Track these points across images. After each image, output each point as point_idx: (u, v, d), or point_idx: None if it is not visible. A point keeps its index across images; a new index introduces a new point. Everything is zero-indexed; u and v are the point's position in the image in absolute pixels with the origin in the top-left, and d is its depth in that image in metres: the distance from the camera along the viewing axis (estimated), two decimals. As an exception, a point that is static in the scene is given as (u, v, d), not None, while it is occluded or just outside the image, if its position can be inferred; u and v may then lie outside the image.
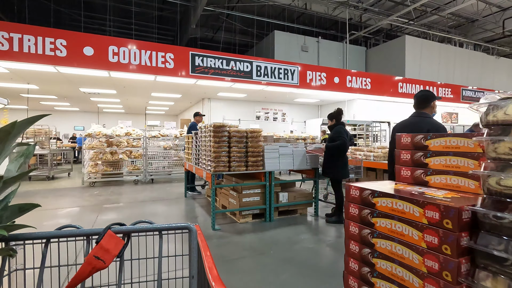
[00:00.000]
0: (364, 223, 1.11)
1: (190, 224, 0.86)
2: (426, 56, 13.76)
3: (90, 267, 0.68)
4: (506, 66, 16.55)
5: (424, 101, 2.63)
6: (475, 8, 12.93)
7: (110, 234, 0.74)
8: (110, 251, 0.71)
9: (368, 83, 10.54)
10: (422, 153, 1.13)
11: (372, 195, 1.10)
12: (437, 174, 1.09)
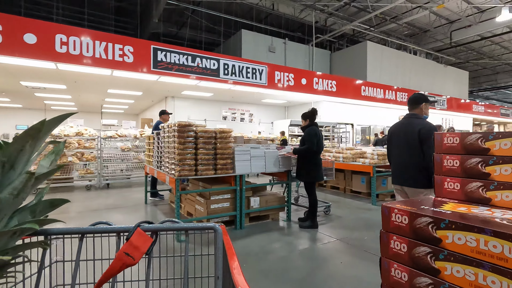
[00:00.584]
0: (421, 268, 0.75)
1: (216, 224, 0.86)
2: (385, 62, 14.49)
3: (120, 263, 0.70)
4: (453, 74, 18.13)
5: (414, 102, 2.66)
6: (427, 19, 13.92)
7: (139, 231, 0.76)
8: (139, 248, 0.73)
9: (334, 86, 10.75)
10: (480, 160, 0.84)
11: (435, 225, 0.73)
12: (507, 189, 0.79)
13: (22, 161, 0.55)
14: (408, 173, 2.55)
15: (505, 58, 18.77)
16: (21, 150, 0.53)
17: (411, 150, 2.52)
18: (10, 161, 0.53)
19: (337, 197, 5.92)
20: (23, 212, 0.59)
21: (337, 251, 3.11)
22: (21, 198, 0.56)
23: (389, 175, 5.61)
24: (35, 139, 0.54)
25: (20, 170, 0.55)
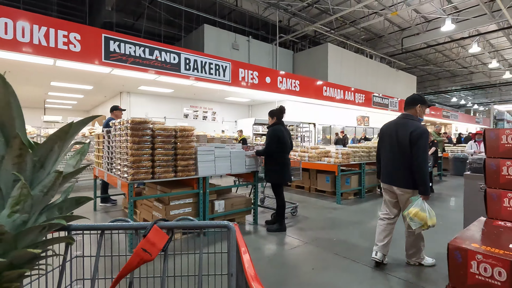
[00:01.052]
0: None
1: (230, 222, 0.87)
2: (345, 64, 15.06)
3: (138, 259, 0.72)
4: (403, 78, 19.54)
5: (409, 103, 2.67)
6: (382, 26, 14.75)
7: (155, 228, 0.78)
8: (156, 245, 0.75)
9: (297, 85, 10.82)
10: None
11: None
12: None
13: (51, 161, 0.58)
14: (397, 173, 2.56)
15: (446, 65, 20.74)
16: (51, 150, 0.56)
17: (401, 151, 2.53)
18: (40, 161, 0.56)
19: (303, 197, 5.87)
20: (51, 209, 0.62)
21: (307, 256, 2.97)
22: (50, 196, 0.59)
23: (352, 174, 5.70)
24: (62, 140, 0.57)
25: (49, 169, 0.59)
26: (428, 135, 2.48)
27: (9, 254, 0.52)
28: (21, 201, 0.52)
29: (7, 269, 0.52)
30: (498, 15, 12.08)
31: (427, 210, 2.29)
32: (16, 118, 0.53)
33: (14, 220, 0.53)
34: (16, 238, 0.53)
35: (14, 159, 0.51)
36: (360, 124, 15.85)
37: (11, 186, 0.53)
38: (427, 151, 2.45)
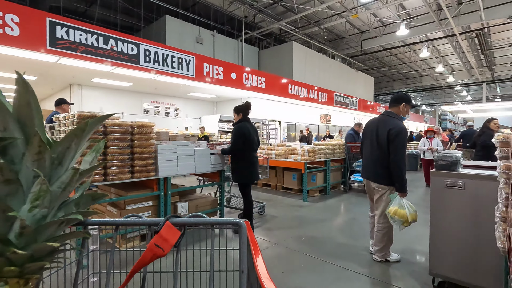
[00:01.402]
0: None
1: (241, 220, 0.86)
2: (309, 63, 15.37)
3: (151, 254, 0.72)
4: (362, 78, 20.55)
5: (394, 101, 2.73)
6: (343, 27, 15.31)
7: (168, 225, 0.79)
8: (168, 241, 0.75)
9: (263, 82, 10.76)
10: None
11: None
12: None
13: (69, 158, 0.59)
14: (374, 168, 2.64)
15: (399, 68, 22.26)
16: (68, 148, 0.58)
17: (380, 147, 2.58)
18: (58, 158, 0.58)
19: (270, 195, 5.80)
20: (69, 204, 0.64)
21: (276, 258, 2.86)
22: (68, 192, 0.60)
23: (318, 171, 5.75)
24: (79, 138, 0.59)
25: (67, 166, 0.60)
26: (406, 133, 2.51)
27: (30, 247, 0.55)
28: (41, 197, 0.54)
29: (28, 261, 0.55)
30: (444, 23, 13.17)
31: (406, 206, 2.31)
32: (35, 117, 0.55)
33: (34, 215, 0.55)
34: (36, 232, 0.55)
35: (34, 156, 0.54)
36: (323, 122, 16.34)
37: (31, 182, 0.55)
38: (404, 149, 2.48)
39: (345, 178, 6.39)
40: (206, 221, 0.87)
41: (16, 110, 0.54)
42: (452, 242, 2.02)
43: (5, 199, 0.53)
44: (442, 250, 2.07)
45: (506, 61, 19.67)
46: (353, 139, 6.39)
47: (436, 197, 2.07)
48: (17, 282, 0.54)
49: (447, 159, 2.05)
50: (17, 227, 0.52)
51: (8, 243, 0.52)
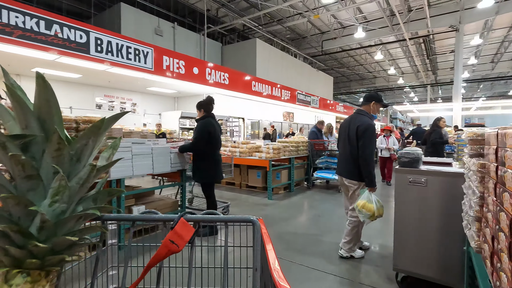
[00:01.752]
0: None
1: (254, 217, 0.86)
2: (272, 61, 15.45)
3: (166, 249, 0.74)
4: (322, 78, 21.28)
5: (365, 99, 2.77)
6: (305, 27, 15.64)
7: (182, 221, 0.80)
8: (183, 237, 0.77)
9: (226, 78, 10.53)
10: None
11: None
12: None
13: (86, 154, 0.61)
14: (346, 165, 2.70)
15: (356, 69, 23.49)
16: (85, 145, 0.60)
17: (350, 144, 2.65)
18: (76, 155, 0.59)
19: (234, 194, 5.66)
20: (86, 200, 0.65)
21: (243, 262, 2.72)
22: (85, 187, 0.62)
23: (283, 168, 5.74)
24: (96, 135, 0.61)
25: (85, 163, 0.62)
26: (373, 129, 2.56)
27: (50, 240, 0.56)
28: (60, 192, 0.55)
29: (49, 254, 0.56)
30: (396, 29, 14.11)
31: (374, 201, 2.36)
32: (54, 115, 0.57)
33: (54, 210, 0.57)
34: (56, 226, 0.57)
35: (53, 153, 0.55)
36: (286, 119, 16.58)
37: (51, 178, 0.56)
38: (372, 145, 2.54)
39: (309, 175, 6.49)
40: (220, 218, 0.87)
41: (36, 108, 0.55)
42: (415, 237, 2.06)
43: (27, 194, 0.55)
44: (405, 246, 2.11)
45: (447, 66, 21.80)
46: (316, 137, 6.51)
47: (400, 193, 2.11)
48: (38, 274, 0.55)
49: (410, 156, 2.09)
50: (38, 221, 0.54)
51: (30, 236, 0.54)
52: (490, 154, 0.83)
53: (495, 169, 0.79)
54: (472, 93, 31.91)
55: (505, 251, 0.62)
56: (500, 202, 0.72)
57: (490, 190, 0.84)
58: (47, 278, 0.56)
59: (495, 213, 0.74)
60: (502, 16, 12.69)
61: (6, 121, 0.56)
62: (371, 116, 2.69)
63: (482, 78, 24.27)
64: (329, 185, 6.72)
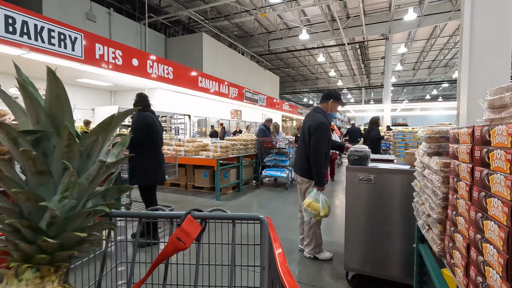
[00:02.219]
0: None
1: (262, 215, 0.86)
2: (219, 57, 15.11)
3: (173, 247, 0.74)
4: (269, 77, 21.67)
5: (323, 96, 2.72)
6: (252, 25, 15.66)
7: (189, 218, 0.79)
8: (190, 234, 0.77)
9: (170, 72, 9.90)
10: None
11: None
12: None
13: (96, 151, 0.61)
14: (300, 162, 2.66)
15: (300, 70, 24.52)
16: (95, 141, 0.60)
17: (304, 141, 2.61)
18: (86, 151, 0.59)
19: (179, 196, 5.28)
20: (96, 196, 0.65)
21: (188, 274, 2.46)
22: (95, 184, 0.62)
23: (231, 168, 5.56)
24: (106, 132, 0.61)
25: (94, 159, 0.62)
26: (324, 127, 2.48)
27: (59, 236, 0.56)
28: (70, 188, 0.55)
29: (58, 250, 0.56)
30: (336, 33, 15.05)
31: (321, 201, 2.32)
32: (65, 111, 0.57)
33: (64, 205, 0.57)
34: (65, 221, 0.57)
35: (64, 149, 0.55)
36: (233, 117, 16.43)
37: (61, 174, 0.56)
38: (322, 144, 2.46)
39: (257, 173, 6.43)
40: (227, 215, 0.88)
41: (47, 104, 0.55)
42: (365, 235, 2.08)
43: (37, 189, 0.55)
44: (356, 244, 2.12)
45: (378, 71, 24.18)
46: (264, 135, 6.47)
47: (351, 191, 2.10)
48: (48, 269, 0.55)
49: (359, 154, 2.09)
50: (48, 216, 0.55)
51: (40, 232, 0.55)
52: (461, 153, 0.77)
53: (468, 170, 0.72)
54: (398, 96, 36.09)
55: (498, 269, 0.53)
56: (481, 208, 0.64)
57: (461, 192, 0.78)
58: (57, 273, 0.56)
59: (474, 220, 0.66)
60: (423, 29, 14.49)
61: (18, 116, 0.57)
62: (327, 114, 2.63)
63: (406, 83, 27.59)
64: (278, 183, 6.77)
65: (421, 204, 1.23)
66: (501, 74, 1.54)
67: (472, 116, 1.60)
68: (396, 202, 1.93)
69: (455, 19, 12.55)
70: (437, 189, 0.95)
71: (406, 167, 1.98)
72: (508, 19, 1.56)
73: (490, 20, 1.57)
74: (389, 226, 1.97)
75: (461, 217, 0.76)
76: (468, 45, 1.62)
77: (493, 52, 1.54)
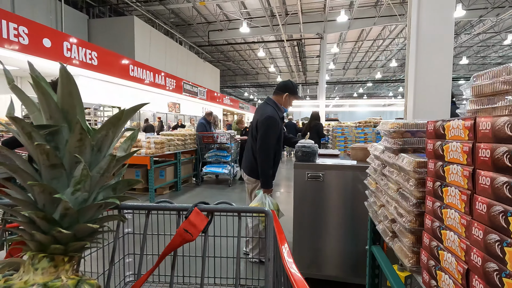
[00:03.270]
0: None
1: (267, 209, 0.88)
2: (154, 44, 13.92)
3: (180, 238, 0.76)
4: (210, 69, 21.01)
5: (278, 88, 2.45)
6: (191, 13, 14.82)
7: (196, 211, 0.82)
8: (196, 226, 0.79)
9: (95, 58, 8.65)
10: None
11: None
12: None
13: (106, 145, 0.63)
14: (247, 159, 2.42)
15: (241, 64, 24.40)
16: (106, 135, 0.62)
17: (252, 137, 2.38)
18: (97, 145, 0.61)
19: (105, 200, 4.58)
20: (106, 189, 0.68)
21: None
22: (106, 177, 0.64)
23: (167, 165, 5.06)
24: (115, 126, 0.62)
25: (105, 153, 0.64)
26: (272, 121, 2.22)
27: (73, 227, 0.59)
28: (82, 181, 0.57)
29: (71, 240, 0.59)
30: (276, 29, 15.27)
31: (268, 205, 2.05)
32: (77, 106, 0.58)
33: (77, 198, 0.59)
34: (78, 213, 0.60)
35: (76, 143, 0.57)
36: (171, 110, 15.44)
37: (74, 167, 0.58)
38: (269, 140, 2.19)
39: (197, 170, 6.03)
40: (233, 208, 0.89)
41: (60, 99, 0.57)
42: (312, 237, 1.96)
43: (51, 182, 0.57)
44: (303, 247, 1.99)
45: (313, 69, 25.59)
46: (204, 129, 6.09)
47: (299, 191, 1.96)
48: (62, 259, 0.57)
49: (307, 149, 1.96)
50: (61, 208, 0.57)
51: (54, 223, 0.57)
52: (451, 152, 0.61)
53: (467, 174, 0.56)
54: (330, 93, 38.98)
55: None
56: (496, 227, 0.48)
57: (451, 201, 0.62)
58: (70, 263, 0.58)
59: (483, 243, 0.50)
60: (352, 31, 15.71)
61: (32, 111, 0.59)
62: (278, 108, 2.38)
63: (337, 81, 29.88)
64: (219, 180, 6.49)
65: (380, 206, 1.11)
66: (445, 69, 1.56)
67: (419, 112, 1.59)
68: (346, 201, 1.85)
69: (379, 24, 13.89)
70: (408, 193, 0.81)
71: (353, 162, 1.92)
72: (450, 15, 1.59)
73: (435, 16, 1.57)
74: (338, 226, 1.89)
75: (451, 232, 0.62)
76: (415, 42, 1.61)
77: (439, 48, 1.56)
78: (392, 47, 19.46)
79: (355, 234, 1.84)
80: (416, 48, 1.60)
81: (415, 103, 1.58)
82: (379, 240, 1.37)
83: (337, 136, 3.67)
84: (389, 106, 24.31)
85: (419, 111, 1.57)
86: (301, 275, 0.52)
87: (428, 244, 0.70)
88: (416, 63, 1.59)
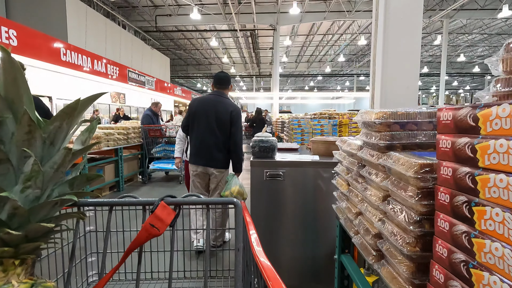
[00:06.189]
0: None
1: (236, 199, 0.87)
2: (92, 27, 12.39)
3: (146, 234, 0.73)
4: (158, 58, 19.65)
5: (225, 82, 2.57)
6: (135, -5, 13.53)
7: (163, 205, 0.78)
8: (163, 220, 0.76)
9: (13, 37, 7.30)
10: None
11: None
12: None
13: (60, 138, 0.59)
14: (215, 153, 2.41)
15: (193, 53, 23.34)
16: (59, 127, 0.57)
17: (222, 130, 2.39)
18: (50, 138, 0.57)
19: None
20: (62, 185, 0.63)
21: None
22: (61, 172, 0.60)
23: (106, 164, 4.44)
24: (71, 117, 0.58)
25: (59, 146, 0.60)
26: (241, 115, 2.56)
27: (23, 227, 0.55)
28: (33, 177, 0.53)
29: (23, 242, 0.55)
30: (229, 18, 14.77)
31: (242, 185, 2.00)
32: (23, 95, 0.54)
33: (27, 196, 0.55)
34: (29, 212, 0.55)
35: (24, 136, 0.53)
36: (115, 101, 14.06)
37: (23, 163, 0.54)
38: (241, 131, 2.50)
39: (144, 167, 5.46)
40: (200, 200, 0.87)
41: (2, 87, 0.53)
42: (270, 244, 1.75)
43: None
44: (263, 253, 1.77)
45: (267, 61, 25.65)
46: (151, 121, 5.52)
47: (256, 192, 1.71)
48: (12, 263, 0.54)
49: (265, 144, 1.72)
50: (9, 207, 0.52)
51: (1, 224, 0.52)
52: (498, 155, 0.40)
53: None
54: (283, 86, 39.74)
55: None
56: None
57: (495, 229, 0.42)
58: (22, 266, 0.55)
59: None
60: (304, 25, 15.96)
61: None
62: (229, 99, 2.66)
63: (290, 74, 30.48)
64: (169, 177, 6.00)
65: (357, 215, 0.92)
66: (413, 53, 1.45)
67: (387, 100, 1.46)
68: (309, 202, 1.66)
69: (329, 19, 14.30)
70: (407, 207, 0.61)
71: (316, 158, 1.73)
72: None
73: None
74: (299, 231, 1.70)
75: (493, 276, 0.41)
76: (382, 25, 1.46)
77: (407, 30, 1.43)
78: (340, 42, 20.35)
79: (319, 238, 1.67)
80: (384, 30, 1.46)
81: (383, 91, 1.45)
82: (348, 248, 1.20)
83: (294, 129, 3.51)
84: (338, 99, 25.63)
85: (388, 100, 1.45)
86: (270, 264, 0.51)
87: (443, 281, 0.50)
88: (383, 47, 1.45)
